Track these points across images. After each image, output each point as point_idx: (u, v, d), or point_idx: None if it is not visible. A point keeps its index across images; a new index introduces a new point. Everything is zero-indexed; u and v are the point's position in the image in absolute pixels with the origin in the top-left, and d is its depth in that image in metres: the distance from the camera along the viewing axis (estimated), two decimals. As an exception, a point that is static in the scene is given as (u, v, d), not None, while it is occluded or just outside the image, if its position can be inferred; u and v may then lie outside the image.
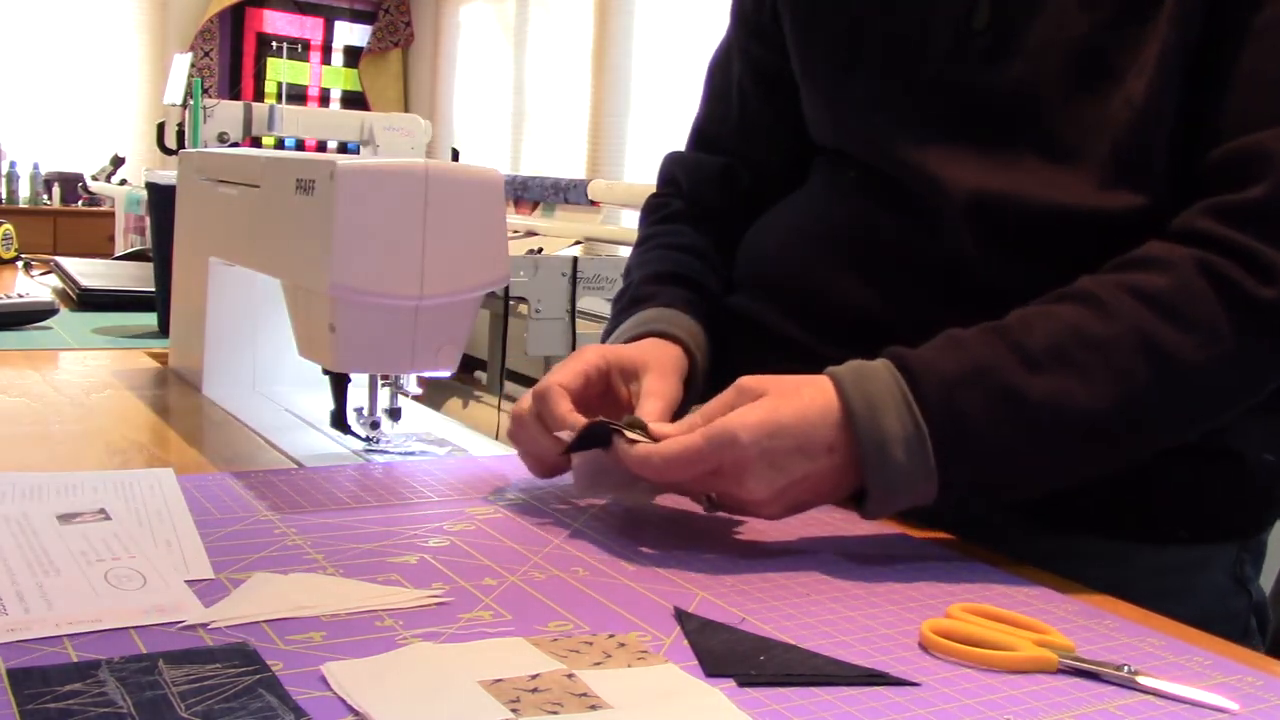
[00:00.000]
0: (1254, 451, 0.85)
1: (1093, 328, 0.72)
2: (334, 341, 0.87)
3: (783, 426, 0.69)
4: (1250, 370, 0.75)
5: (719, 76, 1.07)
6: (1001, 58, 0.82)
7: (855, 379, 0.71)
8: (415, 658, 0.53)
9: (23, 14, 6.08)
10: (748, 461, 0.69)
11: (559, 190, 4.96)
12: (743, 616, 0.61)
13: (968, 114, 0.84)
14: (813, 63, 0.95)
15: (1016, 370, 0.71)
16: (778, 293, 0.94)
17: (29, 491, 0.74)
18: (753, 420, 0.69)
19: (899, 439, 0.70)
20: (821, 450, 0.70)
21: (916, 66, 0.86)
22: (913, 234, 0.85)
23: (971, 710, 0.52)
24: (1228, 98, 0.77)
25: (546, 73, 5.64)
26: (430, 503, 0.79)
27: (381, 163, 0.85)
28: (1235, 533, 0.88)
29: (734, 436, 0.69)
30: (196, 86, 3.84)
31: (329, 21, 6.86)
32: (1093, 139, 0.79)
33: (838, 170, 0.93)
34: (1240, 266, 0.72)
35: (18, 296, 1.44)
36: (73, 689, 0.47)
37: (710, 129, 1.08)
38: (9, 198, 6.07)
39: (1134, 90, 0.78)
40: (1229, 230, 0.73)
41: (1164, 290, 0.73)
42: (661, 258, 0.99)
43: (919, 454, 0.70)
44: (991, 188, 0.82)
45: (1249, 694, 0.55)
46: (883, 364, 0.73)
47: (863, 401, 0.70)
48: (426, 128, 4.23)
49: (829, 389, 0.71)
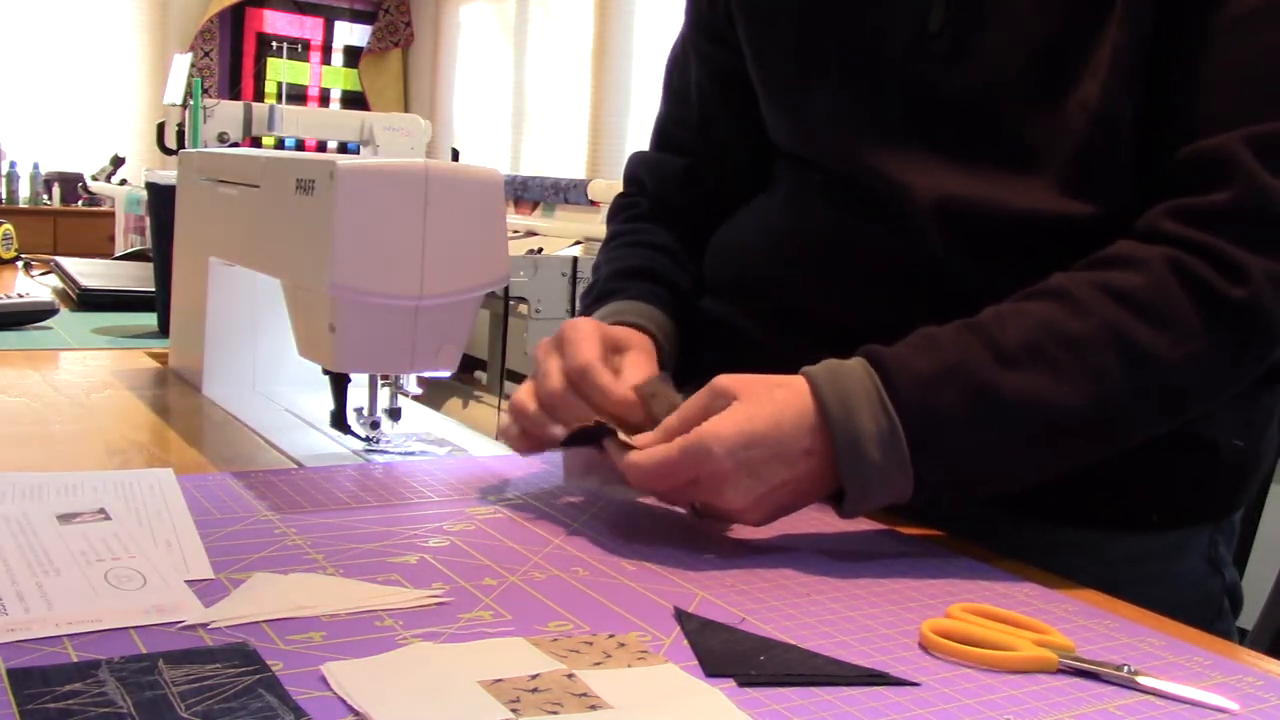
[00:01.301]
0: (1225, 438, 0.86)
1: (1067, 324, 0.73)
2: (334, 341, 0.87)
3: (757, 435, 0.69)
4: (1220, 369, 0.75)
5: (677, 75, 1.07)
6: (958, 60, 0.82)
7: (830, 378, 0.71)
8: (415, 658, 0.53)
9: (23, 14, 6.08)
10: (724, 473, 0.69)
11: (559, 190, 4.96)
12: (743, 616, 0.61)
13: (928, 118, 0.84)
14: (770, 70, 0.94)
15: (991, 367, 0.72)
16: (749, 298, 0.94)
17: (29, 491, 0.74)
18: (726, 431, 0.69)
19: (873, 437, 0.70)
20: (799, 455, 0.70)
21: (874, 71, 0.86)
22: (879, 239, 0.86)
23: (971, 710, 0.52)
24: (1189, 100, 0.77)
25: (546, 73, 5.64)
26: (430, 503, 0.79)
27: (381, 163, 0.85)
28: (1208, 517, 0.90)
29: (708, 449, 0.68)
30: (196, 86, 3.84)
31: (329, 21, 6.86)
32: (1052, 142, 0.80)
33: (801, 174, 0.93)
34: (1210, 266, 0.73)
35: (18, 296, 1.44)
36: (73, 689, 0.47)
37: (671, 129, 1.07)
38: (9, 198, 6.06)
39: (1089, 93, 0.78)
40: (1196, 232, 0.74)
41: (1137, 288, 0.73)
42: (628, 254, 0.99)
43: (893, 452, 0.70)
44: (956, 192, 0.82)
45: (1249, 694, 0.55)
46: (857, 362, 0.73)
47: (837, 401, 0.70)
48: (426, 128, 4.23)
49: (803, 390, 0.71)
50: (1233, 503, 0.91)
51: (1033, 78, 0.80)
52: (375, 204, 0.84)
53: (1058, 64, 0.80)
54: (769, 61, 0.94)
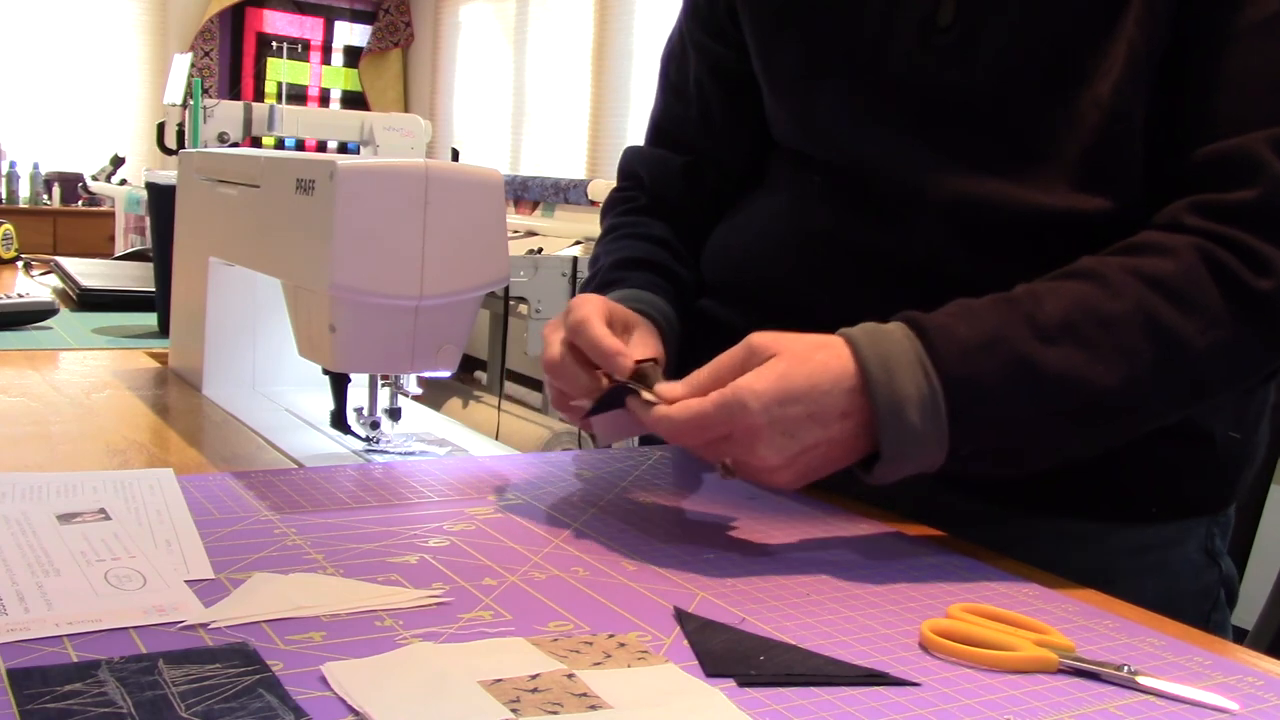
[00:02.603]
0: (1221, 430, 0.87)
1: (1102, 305, 0.73)
2: (334, 341, 0.87)
3: (795, 393, 0.68)
4: (1243, 358, 0.76)
5: (675, 70, 1.06)
6: (967, 57, 0.82)
7: (870, 341, 0.71)
8: (415, 658, 0.53)
9: (23, 14, 6.08)
10: (759, 429, 0.68)
11: (559, 190, 4.96)
12: (743, 616, 0.61)
13: (938, 115, 0.84)
14: (777, 66, 0.94)
15: (1030, 341, 0.72)
16: (750, 299, 0.94)
17: (29, 491, 0.74)
18: (763, 387, 0.68)
19: (915, 402, 0.70)
20: (835, 416, 0.69)
21: (882, 67, 0.86)
22: (887, 238, 0.86)
23: (971, 710, 0.52)
24: (1208, 100, 0.77)
25: (546, 73, 5.64)
26: (430, 503, 0.79)
27: (381, 163, 0.85)
28: (1205, 509, 0.90)
29: (744, 403, 0.68)
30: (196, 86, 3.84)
31: (329, 21, 6.86)
32: (1064, 139, 0.80)
33: (805, 172, 0.93)
34: (1236, 258, 0.74)
35: (18, 296, 1.44)
36: (73, 689, 0.47)
37: (670, 125, 1.06)
38: (9, 198, 6.07)
39: (1101, 91, 0.79)
40: (1221, 226, 0.75)
41: (1168, 274, 0.74)
42: (630, 246, 0.99)
43: (934, 418, 0.70)
44: (967, 190, 0.82)
45: (1249, 694, 0.55)
46: (897, 326, 0.72)
47: (879, 364, 0.70)
48: (426, 128, 4.23)
49: (843, 352, 0.71)
50: (1228, 495, 0.92)
51: (1044, 74, 0.80)
52: (375, 204, 0.84)
53: (1069, 61, 0.80)
54: (775, 58, 0.94)
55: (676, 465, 0.94)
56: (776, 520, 0.79)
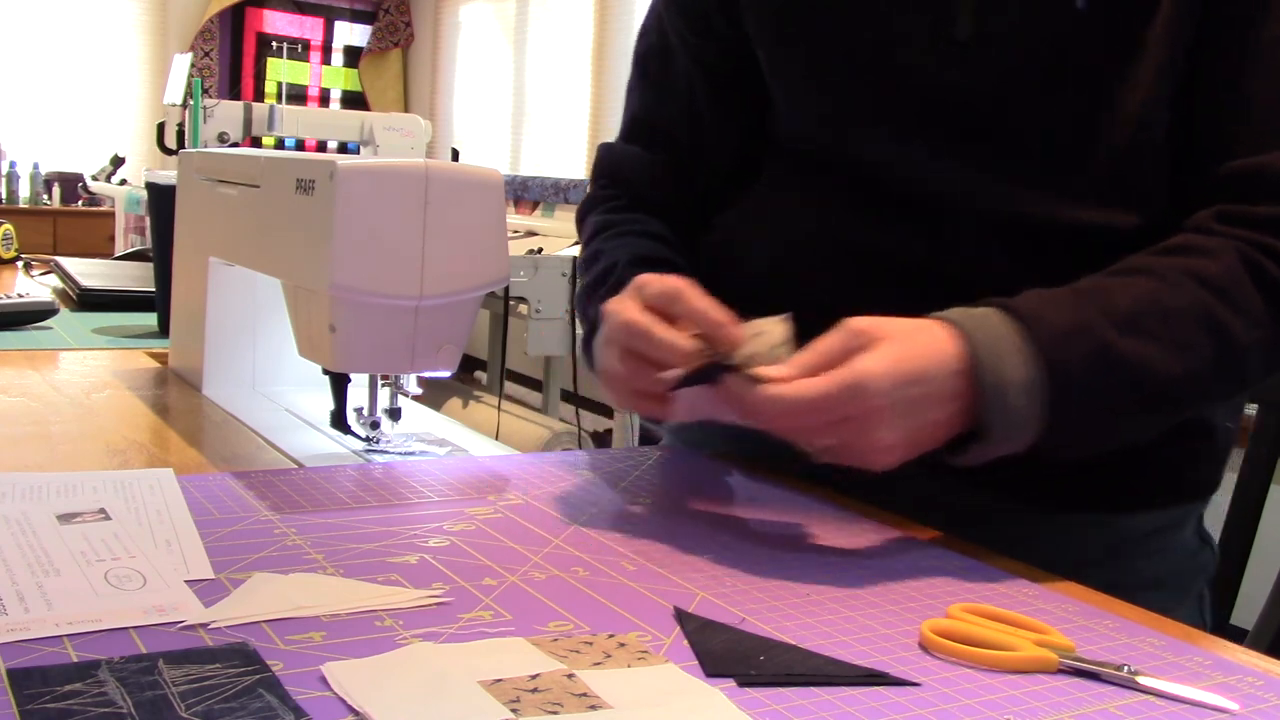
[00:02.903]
0: (1220, 421, 0.91)
1: (1164, 299, 0.76)
2: (334, 341, 0.87)
3: (914, 374, 0.69)
4: (1277, 356, 0.79)
5: (656, 65, 1.02)
6: (987, 71, 0.83)
7: (974, 325, 0.72)
8: (415, 658, 0.53)
9: (23, 14, 6.08)
10: (880, 410, 0.69)
11: (559, 190, 4.96)
12: (743, 616, 0.61)
13: (964, 124, 0.84)
14: (794, 80, 0.93)
15: (1110, 330, 0.74)
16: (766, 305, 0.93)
17: (29, 491, 0.74)
18: (883, 369, 0.69)
19: (1020, 386, 0.71)
20: (947, 397, 0.71)
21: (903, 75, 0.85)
22: (911, 244, 0.86)
23: (971, 710, 0.52)
24: (1231, 116, 0.80)
25: (546, 73, 5.64)
26: (430, 503, 0.79)
27: (381, 163, 0.85)
28: (1200, 494, 0.94)
29: (864, 386, 0.68)
30: (196, 86, 3.84)
31: (329, 21, 6.86)
32: (1090, 154, 0.82)
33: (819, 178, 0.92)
34: (1272, 261, 0.77)
35: (18, 296, 1.44)
36: (73, 689, 0.47)
37: (653, 121, 1.02)
38: (9, 198, 6.07)
39: (1129, 106, 0.81)
40: (1251, 232, 0.77)
41: (1214, 274, 0.76)
42: (636, 244, 0.96)
43: (1035, 403, 0.72)
44: (1006, 204, 0.83)
45: (1249, 694, 0.55)
46: (991, 312, 0.74)
47: (986, 348, 0.71)
48: (426, 128, 4.23)
49: (946, 335, 0.72)
50: (1219, 479, 0.96)
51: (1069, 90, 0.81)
52: (375, 204, 0.84)
53: (1093, 77, 0.81)
54: (792, 69, 0.92)
55: (677, 465, 0.94)
56: (777, 520, 0.79)
